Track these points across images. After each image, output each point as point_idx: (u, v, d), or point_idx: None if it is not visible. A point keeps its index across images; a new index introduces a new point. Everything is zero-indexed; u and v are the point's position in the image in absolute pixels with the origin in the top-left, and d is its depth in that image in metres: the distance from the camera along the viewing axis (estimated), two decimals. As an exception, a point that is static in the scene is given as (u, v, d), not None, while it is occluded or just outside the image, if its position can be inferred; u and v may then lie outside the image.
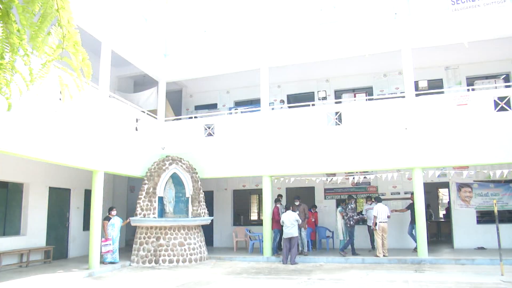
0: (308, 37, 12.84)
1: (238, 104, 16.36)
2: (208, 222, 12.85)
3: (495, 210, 9.12)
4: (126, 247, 12.10)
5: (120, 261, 11.49)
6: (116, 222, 11.62)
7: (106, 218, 11.61)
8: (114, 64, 12.46)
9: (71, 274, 9.76)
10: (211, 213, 14.05)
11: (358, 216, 12.30)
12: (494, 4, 11.46)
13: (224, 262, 12.03)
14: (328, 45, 12.67)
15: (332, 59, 13.02)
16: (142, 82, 15.85)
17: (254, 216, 16.29)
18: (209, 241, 14.64)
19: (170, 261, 11.45)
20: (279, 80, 15.12)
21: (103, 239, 11.21)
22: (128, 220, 12.11)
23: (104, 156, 10.86)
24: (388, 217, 11.87)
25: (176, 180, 12.52)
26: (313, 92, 15.39)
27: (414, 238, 12.27)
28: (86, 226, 12.36)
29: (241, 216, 16.00)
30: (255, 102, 14.86)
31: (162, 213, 12.29)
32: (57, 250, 12.08)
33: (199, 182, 12.82)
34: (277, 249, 12.59)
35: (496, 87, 12.91)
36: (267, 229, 12.48)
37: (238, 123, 13.55)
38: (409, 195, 12.99)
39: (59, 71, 2.89)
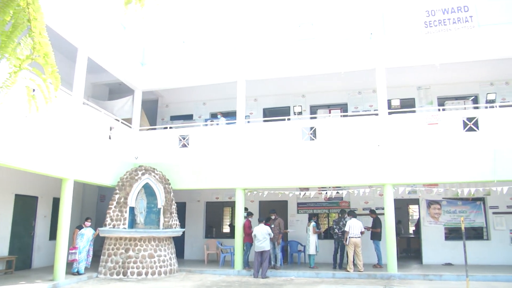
0: (286, 52, 13.02)
1: (214, 116, 16.34)
2: (180, 234, 12.69)
3: (462, 227, 9.37)
4: (94, 258, 11.80)
5: (87, 273, 11.18)
6: (87, 233, 11.34)
7: (79, 227, 11.34)
8: (90, 70, 12.27)
9: (34, 286, 9.42)
10: (183, 225, 13.90)
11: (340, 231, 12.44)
12: (464, 29, 11.91)
13: (194, 275, 11.87)
14: (305, 61, 12.87)
15: (309, 75, 13.21)
16: (117, 90, 15.65)
17: (226, 229, 16.19)
18: (180, 253, 14.45)
19: (139, 274, 11.21)
20: (256, 93, 15.20)
21: (70, 247, 10.93)
22: (97, 231, 11.82)
23: (75, 164, 10.63)
24: (362, 232, 12.00)
25: (148, 190, 12.34)
26: (289, 107, 15.54)
27: (378, 254, 12.55)
28: (53, 235, 11.99)
29: (213, 228, 15.88)
30: (231, 115, 14.86)
31: (132, 223, 12.06)
32: (20, 260, 11.65)
33: (172, 193, 12.67)
34: (248, 262, 12.53)
35: (465, 108, 13.36)
36: (238, 242, 12.41)
37: (213, 135, 13.52)
38: (368, 212, 13.28)
39: (27, 81, 2.83)
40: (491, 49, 11.80)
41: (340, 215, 12.71)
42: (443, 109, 12.67)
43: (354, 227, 11.89)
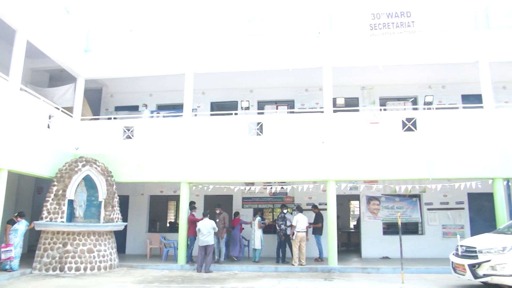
0: (235, 46, 13.01)
1: (161, 108, 16.01)
2: (121, 228, 12.33)
3: (399, 222, 9.86)
4: (28, 253, 11.17)
5: (20, 269, 10.58)
6: (21, 228, 10.73)
7: (10, 222, 10.68)
8: (29, 55, 11.58)
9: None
10: (125, 219, 13.51)
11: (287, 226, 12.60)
12: (406, 33, 12.44)
13: (135, 270, 11.59)
14: (254, 57, 12.93)
15: (257, 70, 13.27)
16: (58, 77, 14.89)
17: (171, 223, 15.94)
18: (121, 248, 14.05)
19: (77, 269, 10.77)
20: (204, 86, 15.04)
21: (3, 244, 10.29)
22: (32, 225, 11.21)
23: (9, 153, 10.00)
24: (307, 227, 12.26)
25: (89, 182, 11.87)
26: (237, 101, 15.52)
27: (319, 248, 12.92)
28: (-17, 229, 11.24)
29: (157, 222, 15.58)
30: (178, 107, 14.60)
31: (71, 217, 11.56)
32: None
33: (114, 186, 12.28)
34: (191, 257, 12.43)
35: (405, 109, 14.01)
36: (182, 236, 12.27)
37: (159, 127, 13.24)
38: (311, 207, 13.59)
39: None
40: (430, 54, 12.45)
41: (281, 210, 12.91)
42: (385, 109, 13.21)
43: (301, 221, 12.13)
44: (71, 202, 11.55)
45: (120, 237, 13.78)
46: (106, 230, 11.67)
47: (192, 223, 12.21)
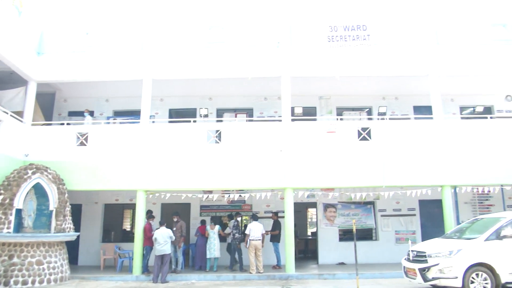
0: (195, 53, 12.96)
1: (118, 114, 15.62)
2: (73, 238, 11.86)
3: (354, 229, 10.11)
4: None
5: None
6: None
7: None
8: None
9: None
10: (77, 229, 13.00)
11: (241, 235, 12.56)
12: (362, 46, 12.89)
13: (88, 282, 11.17)
14: (214, 64, 12.92)
15: (217, 78, 13.26)
16: (8, 80, 14.16)
17: (126, 232, 15.51)
18: (73, 260, 13.51)
19: (24, 282, 10.22)
20: (162, 93, 14.83)
21: None
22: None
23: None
24: (263, 235, 12.29)
25: (39, 191, 11.36)
26: (196, 109, 15.42)
27: (277, 255, 12.97)
28: None
29: (112, 232, 15.12)
30: (135, 114, 14.29)
31: (19, 227, 10.99)
32: None
33: (66, 194, 11.83)
34: (147, 267, 12.15)
35: (360, 119, 14.45)
36: (138, 246, 11.98)
37: (115, 133, 12.90)
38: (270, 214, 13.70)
39: None
40: (384, 66, 12.92)
41: (235, 218, 12.89)
42: (341, 119, 13.57)
43: (255, 230, 12.13)
44: (19, 211, 11.00)
45: (72, 248, 13.25)
46: (57, 241, 11.18)
47: (149, 232, 11.96)
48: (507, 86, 15.63)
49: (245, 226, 12.96)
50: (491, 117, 13.94)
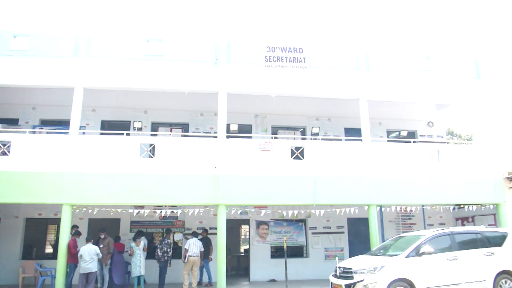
0: (131, 64, 12.64)
1: (45, 123, 14.79)
2: (-13, 255, 10.96)
3: (285, 246, 10.32)
4: None
5: None
6: None
7: None
8: None
9: None
10: (-7, 245, 12.04)
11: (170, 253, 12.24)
12: (298, 68, 13.31)
13: (1, 303, 10.35)
14: (150, 77, 12.67)
15: (153, 91, 13.03)
16: None
17: (50, 249, 14.58)
18: (-13, 278, 12.47)
19: None
20: (95, 103, 14.31)
21: None
22: None
23: None
24: (201, 252, 12.18)
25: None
26: (130, 121, 15.04)
27: (208, 272, 12.89)
28: None
29: (33, 248, 14.14)
30: (64, 123, 13.63)
31: None
32: None
33: (-19, 208, 10.94)
34: (71, 285, 11.49)
35: (294, 138, 14.86)
36: (61, 264, 11.27)
37: (41, 143, 12.14)
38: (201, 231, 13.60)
39: None
40: (318, 88, 13.39)
41: (165, 235, 12.64)
42: (276, 137, 13.86)
43: (194, 246, 12.01)
44: None
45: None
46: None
47: (73, 248, 11.34)
48: (429, 113, 16.92)
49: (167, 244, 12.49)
50: (414, 141, 14.97)
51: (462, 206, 13.89)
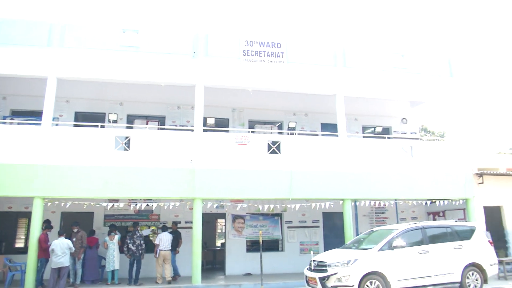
0: (106, 55, 12.40)
1: (16, 113, 14.36)
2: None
3: (260, 240, 10.37)
4: None
5: None
6: None
7: None
8: None
9: None
10: (-40, 239, 11.66)
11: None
12: (276, 62, 13.35)
13: (-32, 298, 10.06)
14: (126, 68, 12.47)
15: (129, 82, 12.84)
16: None
17: (20, 243, 14.22)
18: (-48, 273, 12.07)
19: None
20: (68, 94, 13.98)
21: None
22: None
23: None
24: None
25: None
26: (105, 113, 14.76)
27: (174, 265, 12.77)
28: None
29: (3, 243, 13.75)
30: (37, 114, 13.27)
31: None
32: None
33: None
34: (42, 281, 11.25)
35: (271, 133, 14.90)
36: (32, 258, 11.01)
37: (11, 135, 11.79)
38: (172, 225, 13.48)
39: None
40: (295, 84, 13.49)
41: (133, 228, 12.46)
42: (252, 132, 13.88)
43: (164, 240, 12.03)
44: None
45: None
46: None
47: (44, 242, 11.09)
48: (404, 110, 17.27)
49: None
50: (388, 137, 15.24)
51: (433, 201, 14.25)
